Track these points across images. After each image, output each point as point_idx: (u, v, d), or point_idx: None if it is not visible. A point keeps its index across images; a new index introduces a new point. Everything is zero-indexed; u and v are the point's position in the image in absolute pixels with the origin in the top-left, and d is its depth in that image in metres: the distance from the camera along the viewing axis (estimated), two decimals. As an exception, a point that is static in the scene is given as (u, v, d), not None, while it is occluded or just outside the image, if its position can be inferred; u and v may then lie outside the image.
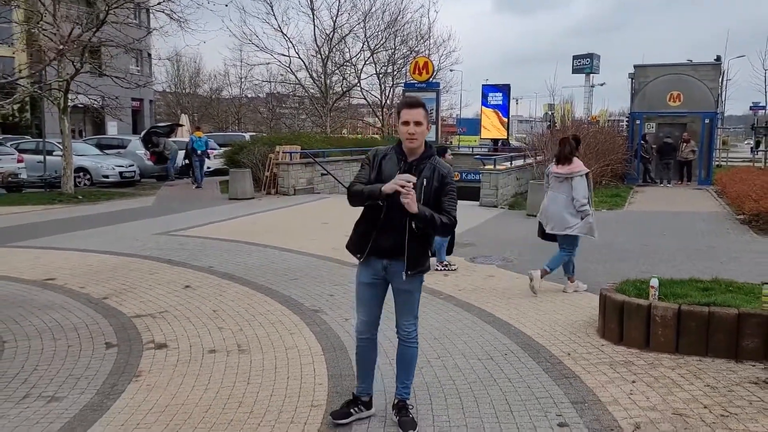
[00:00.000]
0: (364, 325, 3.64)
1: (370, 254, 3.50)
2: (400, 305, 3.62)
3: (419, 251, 3.48)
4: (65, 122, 15.22)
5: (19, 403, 4.00)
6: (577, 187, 6.54)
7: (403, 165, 3.44)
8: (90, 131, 33.84)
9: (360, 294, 3.64)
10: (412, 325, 3.64)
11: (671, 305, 4.76)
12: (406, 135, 3.42)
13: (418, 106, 3.45)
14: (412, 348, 3.66)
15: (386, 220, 3.42)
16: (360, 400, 3.68)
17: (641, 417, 3.67)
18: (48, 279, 7.20)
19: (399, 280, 3.50)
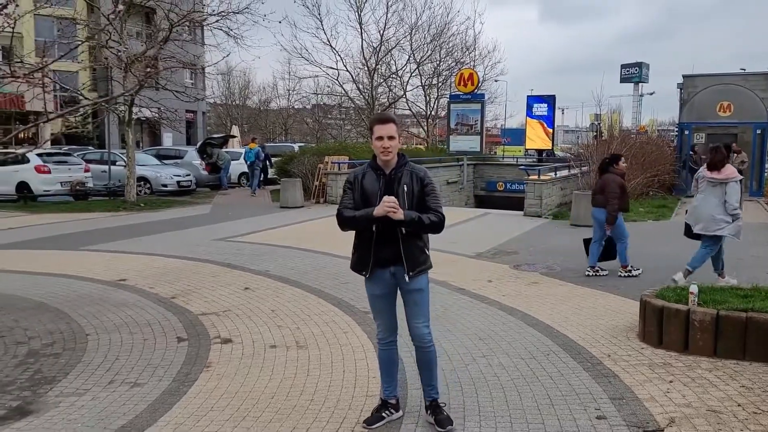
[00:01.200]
0: (385, 331, 3.81)
1: (374, 267, 3.66)
2: (411, 306, 3.74)
3: (415, 252, 3.66)
4: (129, 134, 16.11)
5: (106, 388, 4.49)
6: (730, 191, 7.16)
7: (382, 178, 3.64)
8: (147, 142, 35.23)
9: (375, 305, 3.81)
10: (426, 326, 3.74)
11: (710, 310, 4.95)
12: (380, 149, 3.59)
13: (390, 121, 3.63)
14: (429, 352, 3.76)
15: (379, 234, 3.60)
16: (389, 403, 3.85)
17: (676, 412, 3.92)
18: (120, 280, 7.79)
19: (404, 283, 3.68)
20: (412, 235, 3.64)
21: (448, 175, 22.29)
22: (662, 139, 28.46)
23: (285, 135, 48.27)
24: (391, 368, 3.87)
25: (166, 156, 22.55)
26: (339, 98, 34.44)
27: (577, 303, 6.75)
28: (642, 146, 20.64)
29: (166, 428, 3.80)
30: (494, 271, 8.40)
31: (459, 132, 22.37)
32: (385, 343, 3.83)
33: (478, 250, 10.05)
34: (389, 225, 3.56)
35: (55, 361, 5.01)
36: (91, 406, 4.14)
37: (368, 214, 3.55)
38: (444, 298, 6.88)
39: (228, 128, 42.31)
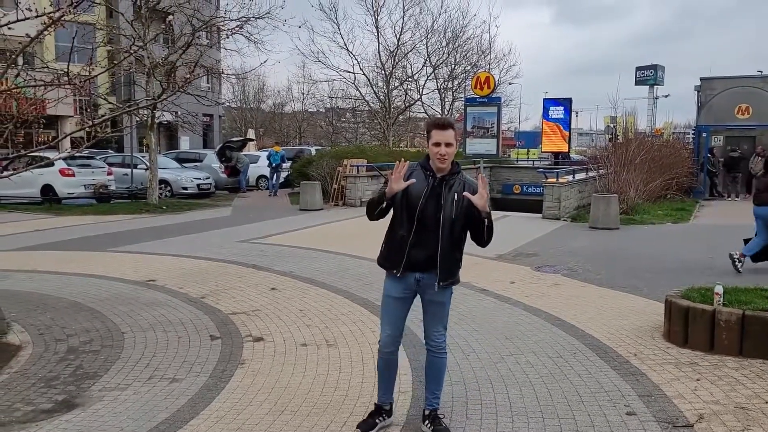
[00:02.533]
0: (390, 338, 3.70)
1: (406, 269, 3.56)
2: (431, 316, 3.69)
3: (452, 262, 3.59)
4: (152, 137, 16.39)
5: (147, 383, 4.65)
6: None
7: (430, 180, 3.54)
8: (164, 146, 35.68)
9: (389, 308, 3.69)
10: (442, 336, 3.72)
11: (735, 310, 5.02)
12: (437, 156, 3.49)
13: (449, 127, 3.54)
14: (441, 359, 3.74)
15: (418, 234, 3.51)
16: (383, 408, 3.80)
17: (705, 409, 4.00)
18: (149, 280, 7.97)
19: (431, 292, 3.60)
20: (452, 245, 3.56)
21: (464, 178, 22.35)
22: (679, 141, 28.34)
23: (299, 138, 48.54)
24: (391, 375, 3.82)
25: (185, 159, 22.86)
26: (353, 101, 34.65)
27: (600, 304, 6.83)
28: (659, 149, 20.62)
29: (208, 420, 3.95)
30: (516, 273, 8.49)
31: (475, 135, 22.44)
32: (387, 352, 3.72)
33: (499, 252, 10.13)
34: (431, 227, 3.49)
35: (95, 358, 5.18)
36: (134, 400, 4.30)
37: (380, 193, 3.54)
38: (469, 299, 6.98)
39: (243, 132, 42.73)
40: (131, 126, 15.93)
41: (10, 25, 4.56)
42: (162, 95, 13.34)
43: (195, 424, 3.89)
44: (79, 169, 17.47)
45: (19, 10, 4.44)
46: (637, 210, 15.56)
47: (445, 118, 3.71)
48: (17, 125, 5.24)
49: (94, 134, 6.18)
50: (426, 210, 3.49)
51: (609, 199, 13.40)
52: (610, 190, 15.21)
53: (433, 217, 3.49)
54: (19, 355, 5.23)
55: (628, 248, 10.67)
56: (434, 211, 3.51)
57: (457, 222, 3.54)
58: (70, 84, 4.75)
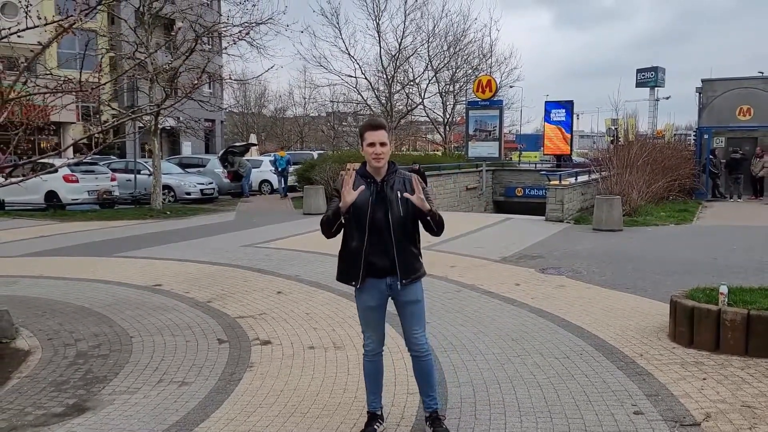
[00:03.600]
0: (375, 343, 3.73)
1: (366, 276, 3.56)
2: (408, 317, 3.68)
3: (410, 259, 3.60)
4: (155, 143, 16.46)
5: (156, 387, 4.68)
6: None
7: (373, 186, 3.54)
8: (166, 151, 35.78)
9: (367, 318, 3.71)
10: (423, 336, 3.69)
11: (741, 310, 5.05)
12: (372, 156, 3.49)
13: (381, 127, 3.55)
14: (427, 361, 3.72)
15: (371, 241, 3.52)
16: (376, 415, 3.79)
17: (712, 408, 4.03)
18: (156, 285, 8.02)
19: (401, 293, 3.61)
20: (407, 243, 3.58)
21: (467, 181, 22.41)
22: (681, 143, 28.37)
23: (301, 143, 48.63)
24: (379, 379, 3.82)
25: (188, 164, 22.93)
26: (355, 106, 34.74)
27: (605, 305, 6.86)
28: (661, 151, 20.66)
29: (219, 423, 3.98)
30: (521, 275, 8.52)
31: (477, 138, 22.52)
32: (373, 355, 3.76)
33: (503, 254, 10.17)
34: (384, 231, 3.52)
35: (104, 362, 5.22)
36: (144, 403, 4.34)
37: (334, 208, 3.50)
38: (473, 301, 7.02)
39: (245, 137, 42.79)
40: (135, 132, 16.01)
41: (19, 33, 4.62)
42: (166, 101, 13.42)
43: (206, 427, 3.93)
44: (82, 175, 17.56)
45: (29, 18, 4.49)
46: (640, 212, 15.59)
47: (376, 118, 3.70)
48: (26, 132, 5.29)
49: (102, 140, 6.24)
50: (375, 216, 3.51)
51: (612, 201, 13.43)
52: (613, 192, 15.24)
53: (383, 221, 3.51)
54: (28, 360, 5.27)
55: (631, 250, 10.70)
56: (383, 215, 3.53)
57: (407, 219, 3.57)
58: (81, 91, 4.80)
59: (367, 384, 3.83)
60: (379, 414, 3.82)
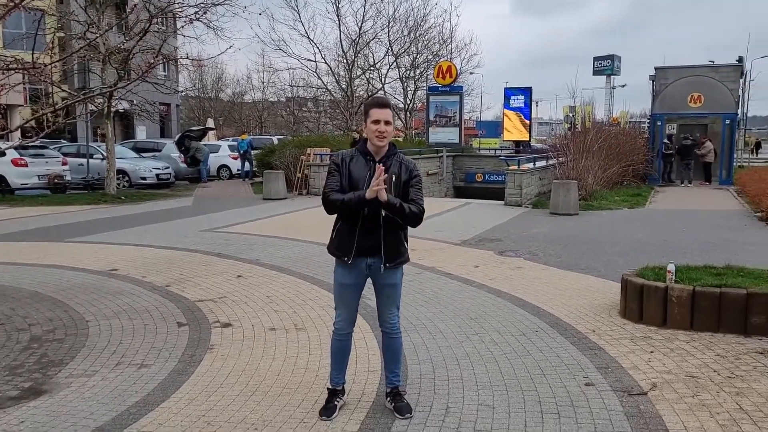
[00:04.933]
0: (346, 322, 3.78)
1: (356, 255, 3.61)
2: (384, 299, 3.77)
3: (395, 243, 3.64)
4: (109, 126, 16.04)
5: (114, 369, 4.63)
6: None
7: (372, 164, 3.57)
8: (120, 136, 34.89)
9: (343, 295, 3.75)
10: (396, 317, 3.81)
11: (686, 287, 5.28)
12: (376, 133, 3.53)
13: (388, 106, 3.61)
14: (397, 338, 3.83)
15: (364, 220, 3.57)
16: (337, 390, 3.85)
17: (658, 378, 4.22)
18: (112, 270, 7.88)
19: (382, 275, 3.67)
20: (394, 226, 3.62)
21: (428, 167, 22.54)
22: (635, 130, 29.10)
23: (260, 128, 48.07)
24: (345, 358, 3.87)
25: (143, 149, 22.44)
26: (315, 91, 34.48)
27: (560, 285, 7.05)
28: (616, 137, 21.16)
29: (180, 403, 3.98)
30: (480, 257, 8.67)
31: (438, 124, 22.64)
32: (342, 335, 3.80)
33: (463, 237, 10.32)
34: (376, 212, 3.55)
35: (59, 346, 5.13)
36: (102, 386, 4.29)
37: (359, 197, 3.49)
38: (434, 283, 7.12)
39: (201, 121, 42.07)
40: (86, 114, 15.56)
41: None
42: (119, 83, 13.08)
43: (166, 407, 3.92)
44: (32, 159, 17.02)
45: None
46: (596, 196, 15.98)
47: (384, 96, 3.64)
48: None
49: (52, 122, 6.07)
50: (368, 206, 3.53)
51: (568, 186, 13.74)
52: (570, 177, 15.58)
53: (376, 202, 3.50)
54: (-20, 345, 5.14)
55: (587, 232, 10.99)
56: (375, 206, 3.54)
57: None
58: (34, 68, 4.65)
59: (332, 361, 3.88)
60: (340, 389, 3.88)
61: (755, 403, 3.83)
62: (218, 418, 3.75)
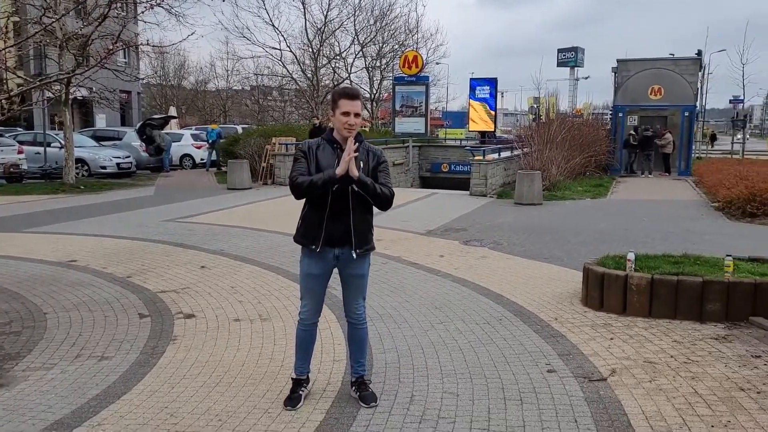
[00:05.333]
0: (312, 312, 3.75)
1: (324, 244, 3.58)
2: (352, 290, 3.77)
3: (364, 230, 3.64)
4: (67, 114, 15.60)
5: (74, 362, 4.54)
6: None
7: (339, 153, 3.54)
8: (78, 124, 33.99)
9: (309, 285, 3.72)
10: (363, 307, 3.81)
11: (645, 275, 5.40)
12: (345, 125, 3.49)
13: (357, 97, 3.56)
14: (363, 329, 3.84)
15: (333, 208, 3.54)
16: (301, 380, 3.84)
17: (617, 364, 4.32)
18: (70, 261, 7.70)
19: (350, 265, 3.66)
20: (363, 211, 3.62)
21: (394, 157, 22.54)
22: (598, 121, 29.59)
23: (224, 117, 47.39)
24: (310, 348, 3.85)
25: (103, 137, 21.91)
26: (280, 80, 34.15)
27: (524, 274, 7.15)
28: (579, 128, 21.49)
29: (142, 395, 3.92)
30: (445, 247, 8.73)
31: (404, 114, 22.65)
32: (308, 324, 3.78)
33: (428, 227, 10.37)
34: (345, 195, 3.53)
35: (16, 339, 5.00)
36: (61, 379, 4.20)
37: (329, 174, 3.46)
38: (399, 273, 7.15)
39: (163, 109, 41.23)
40: (43, 102, 15.11)
41: None
42: (77, 70, 12.71)
43: (128, 399, 3.85)
44: (-14, 147, 16.47)
45: None
46: (559, 186, 16.22)
47: (353, 87, 3.54)
48: None
49: (7, 109, 5.88)
50: (339, 184, 3.51)
51: (533, 176, 13.91)
52: (534, 167, 15.77)
53: (344, 190, 3.52)
54: (-69, 339, 4.98)
55: (550, 222, 11.16)
56: (345, 184, 3.52)
57: None
58: None
59: (297, 351, 3.86)
60: (305, 378, 3.87)
61: (709, 387, 3.95)
62: (181, 410, 3.71)
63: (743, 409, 3.64)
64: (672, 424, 3.46)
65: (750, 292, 5.18)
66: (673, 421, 3.49)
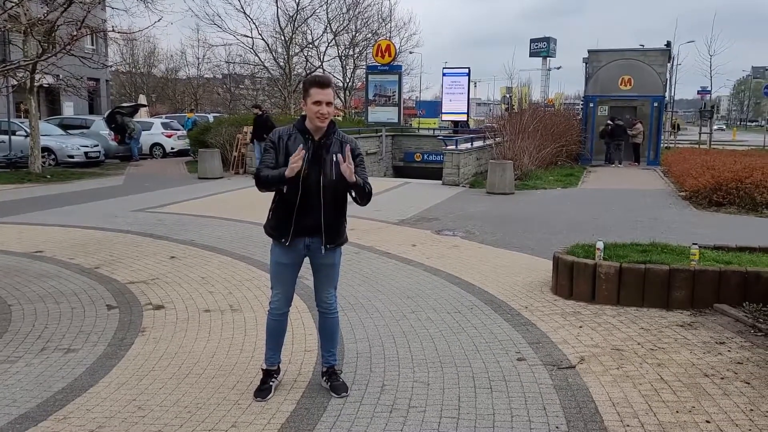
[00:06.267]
0: (282, 302, 3.71)
1: (294, 236, 3.55)
2: (322, 279, 3.74)
3: (337, 224, 3.62)
4: (32, 102, 15.21)
5: (39, 355, 4.45)
6: None
7: (310, 144, 3.47)
8: (45, 112, 33.18)
9: (279, 273, 3.68)
10: (334, 297, 3.79)
11: (613, 264, 5.48)
12: (317, 114, 3.41)
13: (329, 85, 3.46)
14: (334, 318, 3.81)
15: (303, 200, 3.47)
16: (271, 370, 3.80)
17: (586, 352, 4.39)
18: (36, 251, 7.53)
19: (320, 256, 3.63)
20: (336, 206, 3.57)
21: (367, 146, 22.47)
22: (569, 111, 29.88)
23: (196, 105, 46.71)
24: (280, 338, 3.82)
25: (70, 126, 21.42)
26: (252, 68, 33.76)
27: (495, 263, 7.21)
28: (551, 118, 21.68)
29: (109, 387, 3.86)
30: (417, 236, 8.75)
31: (377, 103, 22.60)
32: (279, 314, 3.74)
33: (401, 217, 10.38)
34: (314, 193, 3.47)
35: (-22, 332, 4.88)
36: (26, 372, 4.11)
37: (280, 174, 3.40)
38: (372, 262, 7.15)
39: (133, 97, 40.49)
40: (7, 88, 14.69)
41: None
42: (43, 55, 12.38)
43: (95, 392, 3.79)
44: (-52, 135, 15.98)
45: None
46: (531, 176, 16.36)
47: (325, 75, 3.39)
48: None
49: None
50: (309, 176, 3.44)
51: (504, 166, 14.00)
52: (506, 157, 15.87)
53: (315, 182, 3.46)
54: None
55: (521, 211, 11.25)
56: (316, 176, 3.47)
57: (339, 183, 3.50)
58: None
59: (267, 341, 3.82)
60: (275, 368, 3.84)
61: (675, 373, 4.04)
62: (150, 402, 3.66)
63: (707, 395, 3.72)
64: (638, 410, 3.52)
65: (715, 279, 5.29)
66: (639, 408, 3.56)
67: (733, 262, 5.60)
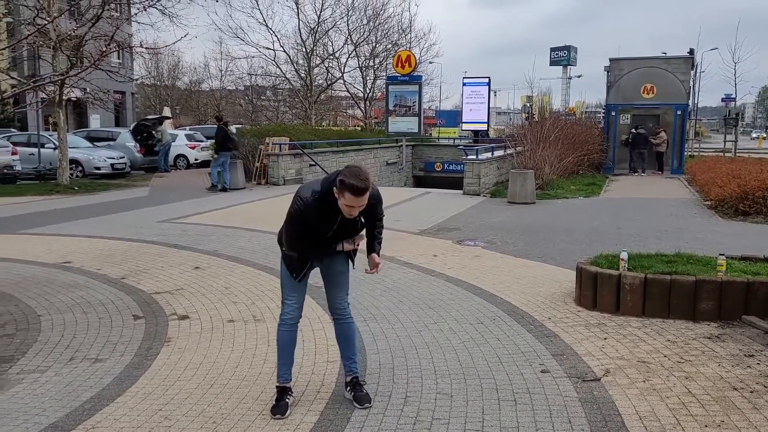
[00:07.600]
0: (295, 311, 3.76)
1: (307, 272, 3.74)
2: (334, 285, 3.82)
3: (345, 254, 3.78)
4: (61, 115, 15.54)
5: (68, 364, 4.53)
6: None
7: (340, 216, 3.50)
8: (72, 125, 33.84)
9: (292, 283, 3.75)
10: (346, 301, 3.85)
11: (638, 274, 5.43)
12: (347, 212, 3.43)
13: (365, 191, 3.33)
14: (350, 323, 3.87)
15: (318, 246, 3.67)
16: (286, 387, 3.78)
17: (611, 364, 4.34)
18: (65, 262, 7.67)
19: (331, 264, 3.78)
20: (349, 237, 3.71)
21: (387, 156, 22.57)
22: (590, 120, 29.67)
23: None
24: (292, 350, 3.83)
25: (97, 138, 21.82)
26: (274, 79, 34.11)
27: (517, 273, 7.17)
28: (572, 127, 21.55)
29: (136, 397, 3.91)
30: (438, 247, 8.74)
31: (397, 113, 22.66)
32: (291, 325, 3.77)
33: (421, 227, 10.39)
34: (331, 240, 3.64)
35: (9, 342, 4.98)
36: (56, 381, 4.19)
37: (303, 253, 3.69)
38: (393, 273, 7.15)
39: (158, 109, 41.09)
40: (36, 103, 15.03)
41: None
42: (71, 71, 12.65)
43: (122, 401, 3.85)
44: (-21, 148, 16.37)
45: None
46: (552, 185, 16.26)
47: (363, 181, 3.27)
48: None
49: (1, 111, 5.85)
50: (335, 235, 3.62)
51: (525, 175, 13.94)
52: (527, 166, 15.80)
53: (337, 236, 3.64)
54: (-76, 343, 4.95)
55: (543, 221, 11.19)
56: (341, 234, 3.63)
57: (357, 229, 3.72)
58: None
59: (280, 355, 3.81)
60: (289, 386, 3.81)
61: (703, 386, 3.98)
62: (175, 412, 3.70)
63: (736, 409, 3.66)
64: (666, 424, 3.48)
65: (742, 291, 5.21)
66: (666, 421, 3.52)
67: (762, 273, 5.51)
